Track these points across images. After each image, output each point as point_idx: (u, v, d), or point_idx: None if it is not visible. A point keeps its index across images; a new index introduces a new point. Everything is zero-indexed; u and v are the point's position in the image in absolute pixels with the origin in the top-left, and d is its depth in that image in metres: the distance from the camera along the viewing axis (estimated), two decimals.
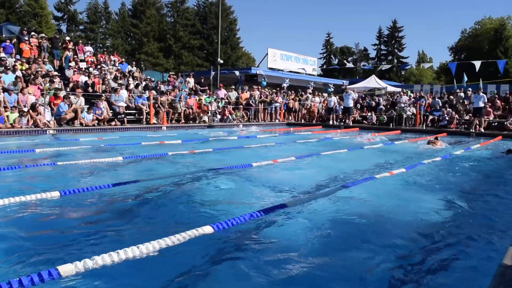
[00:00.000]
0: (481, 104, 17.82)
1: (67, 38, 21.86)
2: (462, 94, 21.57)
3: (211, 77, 21.09)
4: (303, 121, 24.46)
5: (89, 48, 22.55)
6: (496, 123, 18.67)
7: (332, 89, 29.80)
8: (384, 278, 2.90)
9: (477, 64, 20.60)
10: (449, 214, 4.54)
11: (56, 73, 17.27)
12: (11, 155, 8.43)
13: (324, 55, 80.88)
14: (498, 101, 19.99)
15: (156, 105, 18.02)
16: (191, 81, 23.07)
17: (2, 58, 16.20)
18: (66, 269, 2.61)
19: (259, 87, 25.31)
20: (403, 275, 2.95)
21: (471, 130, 17.50)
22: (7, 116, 13.10)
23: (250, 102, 22.80)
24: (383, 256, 3.25)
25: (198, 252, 3.21)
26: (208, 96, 21.29)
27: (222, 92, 22.74)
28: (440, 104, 21.02)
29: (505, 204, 5.18)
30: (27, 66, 16.89)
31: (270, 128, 19.38)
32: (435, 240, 3.72)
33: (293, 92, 26.61)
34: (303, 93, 26.63)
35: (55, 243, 3.37)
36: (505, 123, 17.85)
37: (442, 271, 3.05)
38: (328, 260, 3.17)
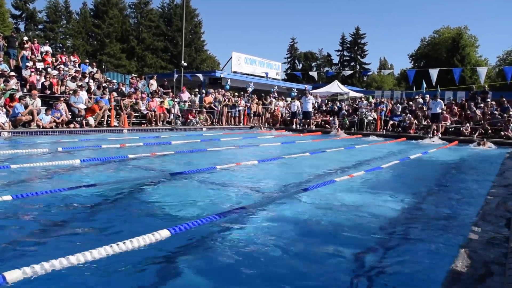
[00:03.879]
0: (439, 110, 18.44)
1: (25, 38, 21.15)
2: (420, 100, 22.21)
3: (174, 80, 20.88)
4: (266, 125, 24.56)
5: (47, 48, 21.87)
6: (452, 129, 19.32)
7: (296, 94, 30.07)
8: (342, 277, 2.92)
9: (434, 72, 21.25)
10: (403, 214, 4.64)
11: (13, 73, 16.66)
12: None
13: (289, 59, 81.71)
14: (455, 107, 20.69)
15: (118, 108, 17.67)
16: (154, 83, 22.76)
17: None
18: (13, 276, 2.49)
19: (223, 91, 25.25)
20: (356, 274, 2.99)
21: (429, 135, 18.03)
22: None
23: (213, 105, 22.71)
24: (341, 256, 3.28)
25: (154, 256, 3.14)
26: (171, 99, 21.05)
27: (185, 95, 22.55)
28: (400, 110, 21.58)
29: (458, 203, 5.34)
30: None
31: (233, 132, 19.34)
32: (390, 240, 3.79)
33: (255, 96, 26.68)
34: (267, 97, 26.75)
35: (3, 248, 3.23)
36: (461, 128, 18.50)
37: (397, 270, 3.10)
38: (284, 260, 3.18)
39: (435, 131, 18.35)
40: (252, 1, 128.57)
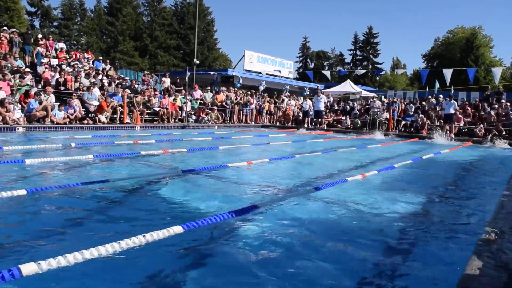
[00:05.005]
0: (452, 111, 18.28)
1: (39, 35, 21.37)
2: (433, 101, 22.03)
3: (186, 78, 20.96)
4: (278, 124, 24.55)
5: (61, 45, 22.11)
6: (466, 129, 19.14)
7: (308, 93, 30.00)
8: (353, 277, 2.91)
9: (448, 72, 21.08)
10: (416, 214, 4.61)
11: (28, 69, 16.85)
12: None
13: (301, 58, 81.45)
14: (468, 108, 20.49)
15: (130, 105, 17.80)
16: (166, 81, 22.88)
17: None
18: (29, 269, 2.53)
19: (235, 89, 25.29)
20: (368, 274, 2.98)
21: (442, 136, 17.88)
22: None
23: (225, 104, 22.77)
24: (353, 256, 3.28)
25: (167, 253, 3.17)
26: (183, 96, 21.14)
27: (197, 93, 22.63)
28: (413, 110, 21.42)
29: (472, 204, 5.29)
30: None
31: (245, 130, 19.36)
32: (402, 242, 3.77)
33: (267, 95, 26.68)
34: (279, 95, 26.74)
35: (19, 241, 3.28)
36: (475, 129, 18.32)
37: (410, 271, 3.08)
38: (296, 260, 3.17)
39: (448, 132, 18.19)
40: (265, 0, 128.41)
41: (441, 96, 22.43)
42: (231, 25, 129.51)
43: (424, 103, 22.86)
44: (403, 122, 20.76)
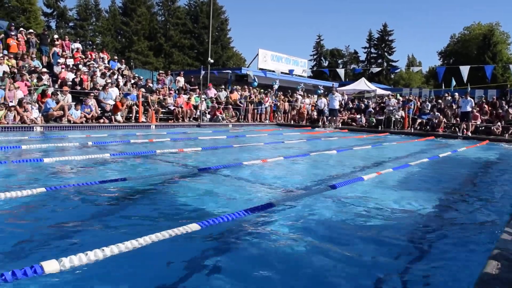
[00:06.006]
0: (469, 109, 18.03)
1: (56, 36, 21.65)
2: (450, 98, 21.77)
3: (201, 77, 21.05)
4: (292, 122, 24.51)
5: (77, 45, 22.36)
6: (483, 128, 18.88)
7: (322, 91, 29.88)
8: (371, 277, 2.90)
9: (465, 70, 20.76)
10: (433, 213, 4.57)
11: (45, 69, 17.08)
12: None
13: (315, 56, 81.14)
14: (485, 105, 20.21)
15: (145, 104, 17.93)
16: (181, 80, 23.00)
17: None
18: (50, 266, 2.57)
19: (249, 87, 25.32)
20: (388, 274, 2.96)
21: (458, 134, 17.68)
22: None
23: (239, 102, 22.80)
24: (368, 256, 3.27)
25: (184, 250, 3.19)
26: (197, 95, 21.23)
27: (212, 92, 22.70)
28: (429, 108, 21.20)
29: (489, 203, 5.23)
30: (14, 62, 16.68)
31: (259, 128, 19.37)
32: (419, 240, 3.74)
33: (281, 93, 26.66)
34: (293, 94, 26.69)
35: (39, 239, 3.34)
36: (492, 127, 18.06)
37: (427, 272, 3.06)
38: (314, 258, 3.17)
39: (464, 130, 17.97)
40: None
41: (456, 94, 22.15)
42: (245, 24, 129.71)
43: (440, 101, 22.60)
44: (419, 120, 20.56)
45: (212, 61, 20.97)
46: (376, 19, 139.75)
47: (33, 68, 16.68)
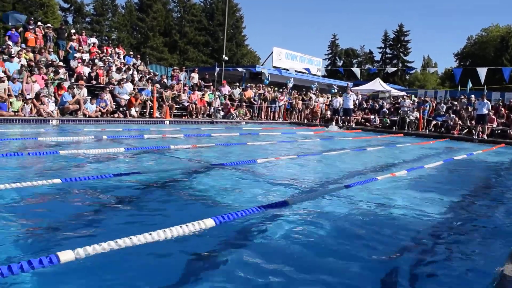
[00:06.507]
0: (485, 111, 17.78)
1: (73, 30, 21.86)
2: (466, 100, 21.51)
3: (215, 74, 21.11)
4: (305, 121, 24.44)
5: (93, 40, 22.55)
6: (499, 131, 18.62)
7: (336, 90, 29.73)
8: (381, 277, 2.88)
9: (483, 72, 20.44)
10: (447, 215, 4.53)
11: (61, 63, 17.27)
12: (14, 142, 8.46)
13: (329, 56, 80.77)
14: (502, 108, 19.92)
15: (160, 99, 18.02)
16: (195, 76, 23.07)
17: (8, 46, 16.20)
18: (66, 256, 2.60)
19: (263, 85, 25.30)
20: (401, 276, 2.94)
21: (474, 137, 17.47)
22: (11, 103, 13.12)
23: (253, 100, 22.81)
24: (385, 256, 3.24)
25: (199, 244, 3.20)
26: (212, 92, 21.29)
27: (226, 89, 22.74)
28: (444, 110, 20.97)
29: (505, 207, 5.15)
30: (32, 55, 16.89)
31: (272, 126, 19.35)
32: (435, 243, 3.70)
33: (295, 92, 26.60)
34: (307, 93, 26.61)
35: (54, 229, 3.37)
36: (509, 131, 17.81)
37: (440, 275, 3.03)
38: (329, 258, 3.16)
39: (480, 133, 17.75)
40: None
41: (473, 96, 21.86)
42: (260, 21, 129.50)
43: (455, 102, 22.34)
44: (434, 122, 20.35)
45: (226, 58, 21.00)
46: (392, 19, 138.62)
47: (50, 62, 16.87)
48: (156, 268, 2.83)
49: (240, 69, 29.15)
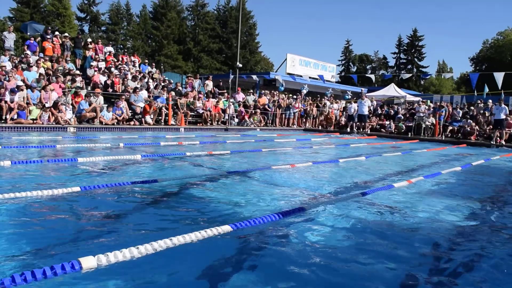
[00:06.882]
0: (503, 116, 17.54)
1: (89, 39, 22.20)
2: (482, 105, 21.25)
3: (229, 81, 21.23)
4: (320, 127, 24.38)
5: (109, 48, 22.86)
6: None
7: (350, 96, 29.63)
8: (400, 283, 2.86)
9: (500, 76, 20.15)
10: (466, 223, 4.47)
11: (78, 72, 17.53)
12: (33, 149, 8.60)
13: (343, 62, 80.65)
14: None
15: (175, 107, 18.16)
16: (209, 83, 23.22)
17: (26, 56, 16.51)
18: (88, 262, 2.63)
19: (277, 92, 25.33)
20: (419, 281, 2.91)
21: (491, 142, 17.24)
22: (30, 111, 13.36)
23: (267, 107, 22.85)
24: (402, 263, 3.21)
25: (216, 250, 3.21)
26: (226, 99, 21.39)
27: (240, 96, 22.83)
28: (460, 115, 20.74)
29: None
30: (49, 64, 17.18)
31: (287, 133, 19.34)
32: (454, 249, 3.66)
33: (309, 98, 26.60)
34: (321, 99, 26.58)
35: (75, 235, 3.41)
36: None
37: (461, 282, 2.99)
38: (346, 264, 3.14)
39: (498, 138, 17.51)
40: (307, 3, 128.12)
41: (490, 100, 21.60)
42: (273, 28, 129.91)
43: (472, 107, 22.09)
44: (450, 128, 20.14)
45: (240, 65, 21.11)
46: (406, 25, 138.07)
47: (67, 71, 17.14)
48: (174, 274, 2.84)
49: (254, 76, 29.25)
